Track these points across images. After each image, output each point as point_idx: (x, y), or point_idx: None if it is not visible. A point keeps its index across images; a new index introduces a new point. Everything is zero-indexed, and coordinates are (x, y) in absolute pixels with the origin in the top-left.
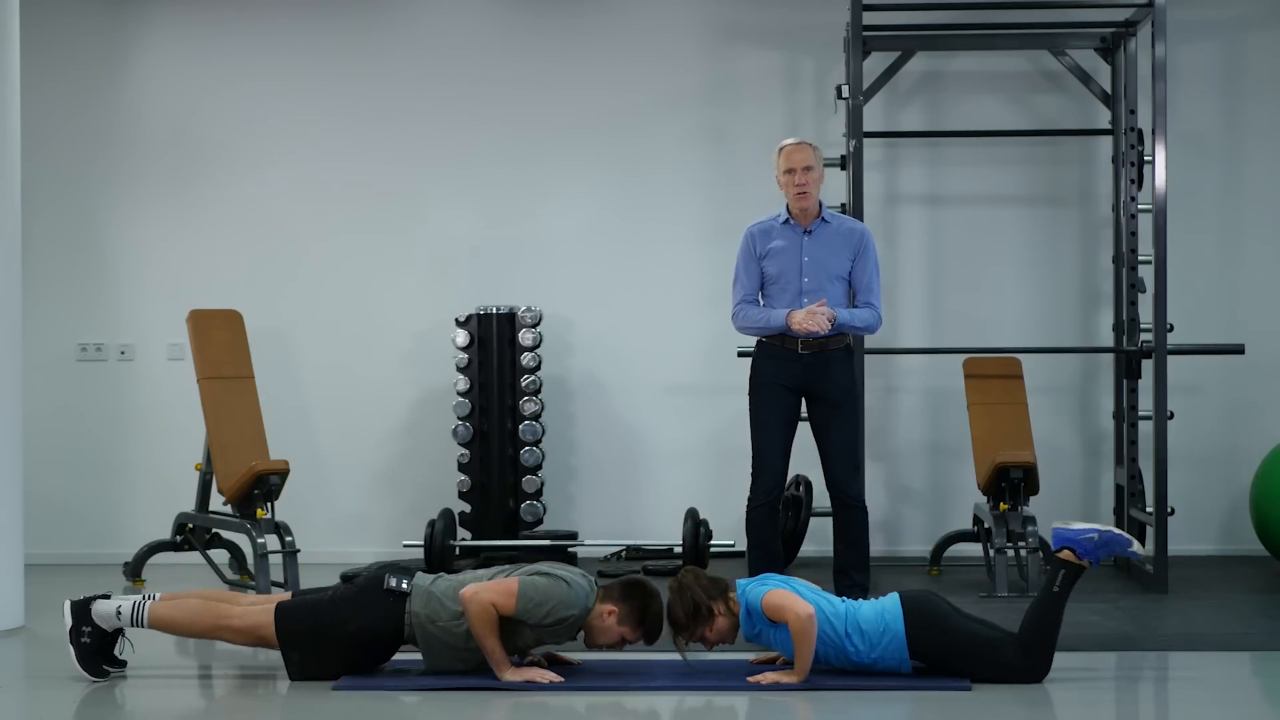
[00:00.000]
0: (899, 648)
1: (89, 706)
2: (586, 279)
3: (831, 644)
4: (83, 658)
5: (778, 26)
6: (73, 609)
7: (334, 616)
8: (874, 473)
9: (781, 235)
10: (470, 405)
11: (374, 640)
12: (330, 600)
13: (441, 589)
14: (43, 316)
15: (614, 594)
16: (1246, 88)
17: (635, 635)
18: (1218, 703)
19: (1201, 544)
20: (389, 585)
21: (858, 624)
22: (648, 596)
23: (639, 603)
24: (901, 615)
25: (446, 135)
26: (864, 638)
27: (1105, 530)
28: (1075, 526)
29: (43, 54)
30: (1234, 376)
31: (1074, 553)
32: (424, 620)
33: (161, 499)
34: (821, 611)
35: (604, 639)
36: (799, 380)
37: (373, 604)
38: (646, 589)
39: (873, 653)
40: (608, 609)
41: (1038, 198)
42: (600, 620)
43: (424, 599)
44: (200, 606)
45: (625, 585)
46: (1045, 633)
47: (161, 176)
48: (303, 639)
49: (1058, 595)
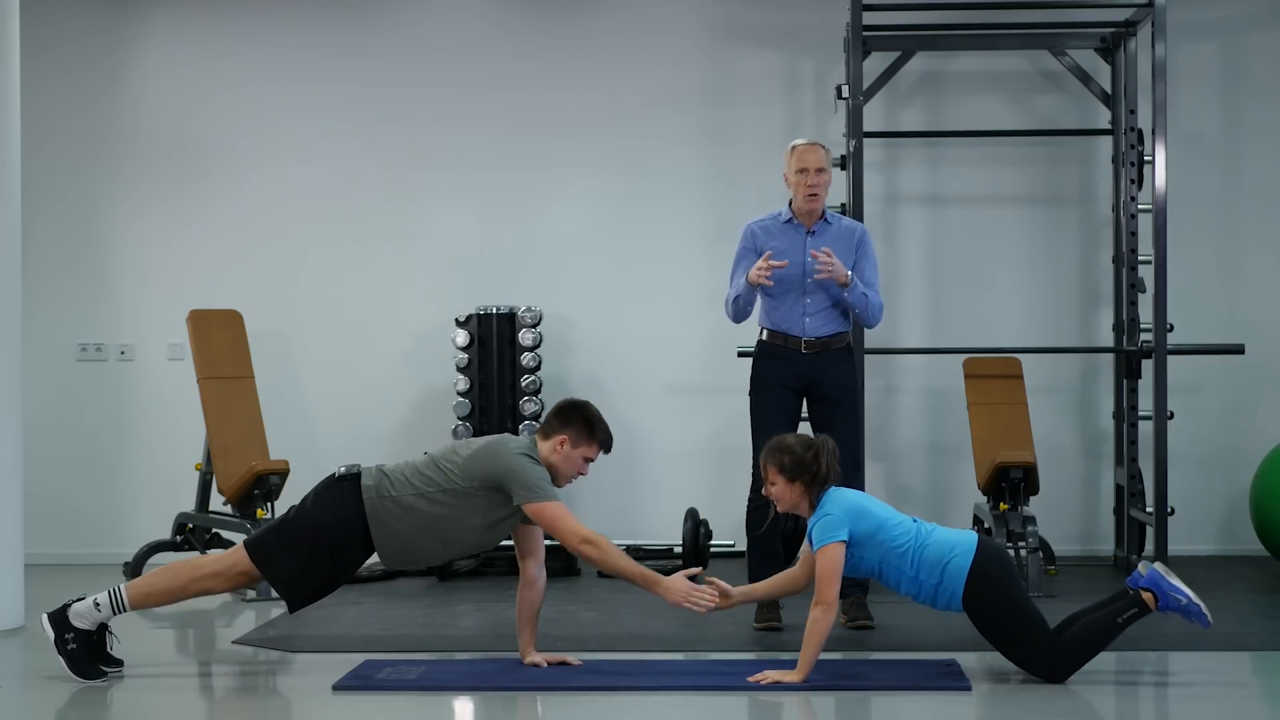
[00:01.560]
0: (954, 587)
1: (88, 706)
2: (586, 279)
3: (889, 566)
4: (74, 664)
5: (778, 26)
6: (51, 621)
7: (299, 525)
8: (874, 473)
9: (784, 235)
10: (470, 405)
11: (344, 531)
12: (292, 514)
13: (391, 469)
14: (43, 316)
15: (554, 425)
16: (1246, 88)
17: (593, 448)
18: (1218, 703)
19: (1201, 544)
20: (337, 474)
21: (924, 549)
22: (581, 406)
23: (579, 415)
24: (973, 554)
25: (447, 136)
26: (925, 563)
27: (1196, 602)
28: (1173, 581)
29: (43, 54)
30: (1234, 376)
31: (1155, 597)
32: (374, 496)
33: (161, 499)
34: (890, 539)
35: (568, 468)
36: (800, 379)
37: (330, 498)
38: (575, 401)
39: (930, 579)
40: (558, 441)
41: (1038, 198)
42: (558, 455)
43: (374, 476)
44: (173, 568)
45: (558, 411)
46: (1086, 651)
47: (162, 177)
48: (280, 557)
49: (1119, 626)
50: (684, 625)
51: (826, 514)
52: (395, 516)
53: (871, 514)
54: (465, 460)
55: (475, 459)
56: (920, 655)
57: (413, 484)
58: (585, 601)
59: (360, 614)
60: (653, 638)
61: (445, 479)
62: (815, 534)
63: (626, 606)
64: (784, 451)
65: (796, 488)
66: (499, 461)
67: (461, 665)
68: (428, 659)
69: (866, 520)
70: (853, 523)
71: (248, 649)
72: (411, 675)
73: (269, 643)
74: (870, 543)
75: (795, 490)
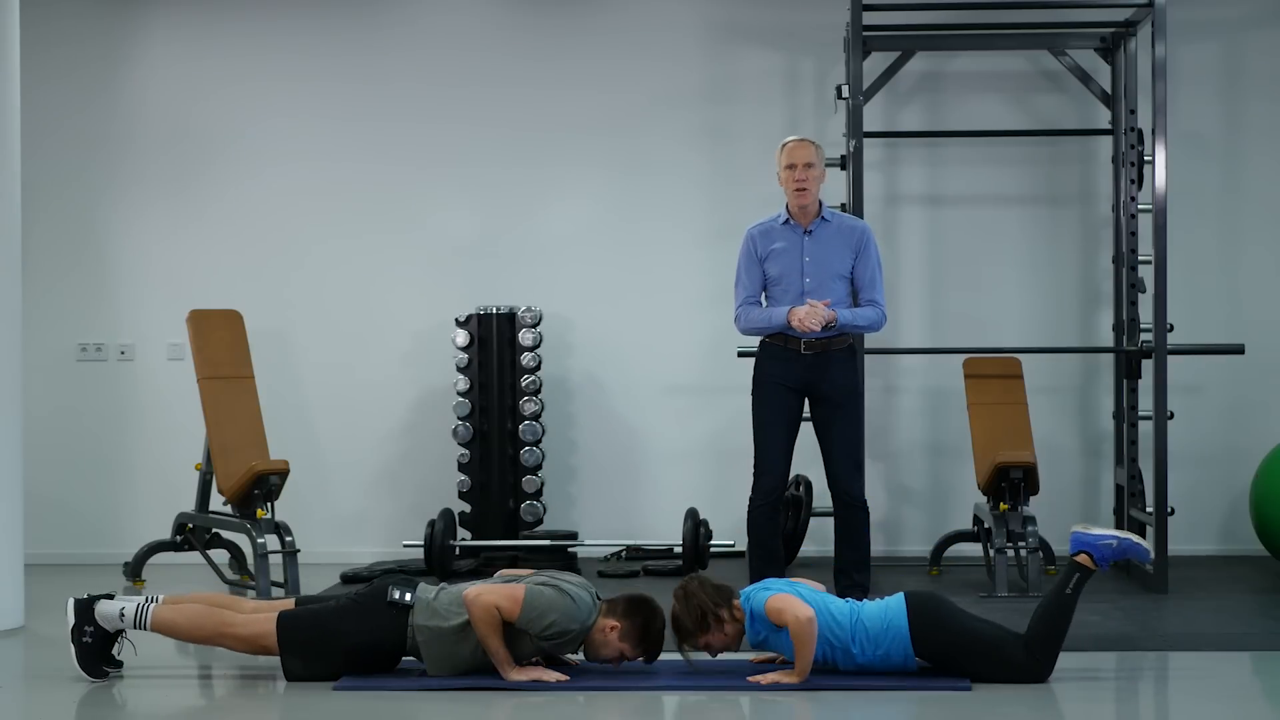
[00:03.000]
0: (903, 646)
1: (89, 706)
2: (586, 279)
3: (837, 646)
4: (83, 658)
5: (778, 26)
6: (76, 607)
7: (336, 627)
8: (874, 473)
9: (782, 236)
10: (470, 405)
11: (375, 651)
12: (333, 611)
13: (444, 602)
14: (43, 316)
15: (617, 610)
16: (1246, 88)
17: (635, 653)
18: (1218, 703)
19: (1201, 544)
20: (392, 598)
21: (862, 624)
22: (651, 615)
23: (642, 621)
24: (906, 614)
25: (446, 135)
26: (869, 637)
27: (1125, 538)
28: (1094, 531)
29: (43, 53)
30: (1234, 376)
31: (1091, 557)
32: (427, 632)
33: (161, 499)
34: (827, 612)
35: (604, 653)
36: (802, 380)
37: (375, 616)
38: (650, 606)
39: (877, 651)
40: (610, 624)
41: (1038, 198)
42: (602, 635)
43: (427, 613)
44: (203, 613)
45: (629, 602)
46: (1053, 634)
47: (161, 176)
48: (304, 648)
49: (1069, 597)
50: None
51: (765, 586)
52: (443, 654)
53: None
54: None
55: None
56: None
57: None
58: None
59: None
60: None
61: None
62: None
63: None
64: (685, 618)
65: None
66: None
67: None
68: None
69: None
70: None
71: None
72: (411, 675)
73: None
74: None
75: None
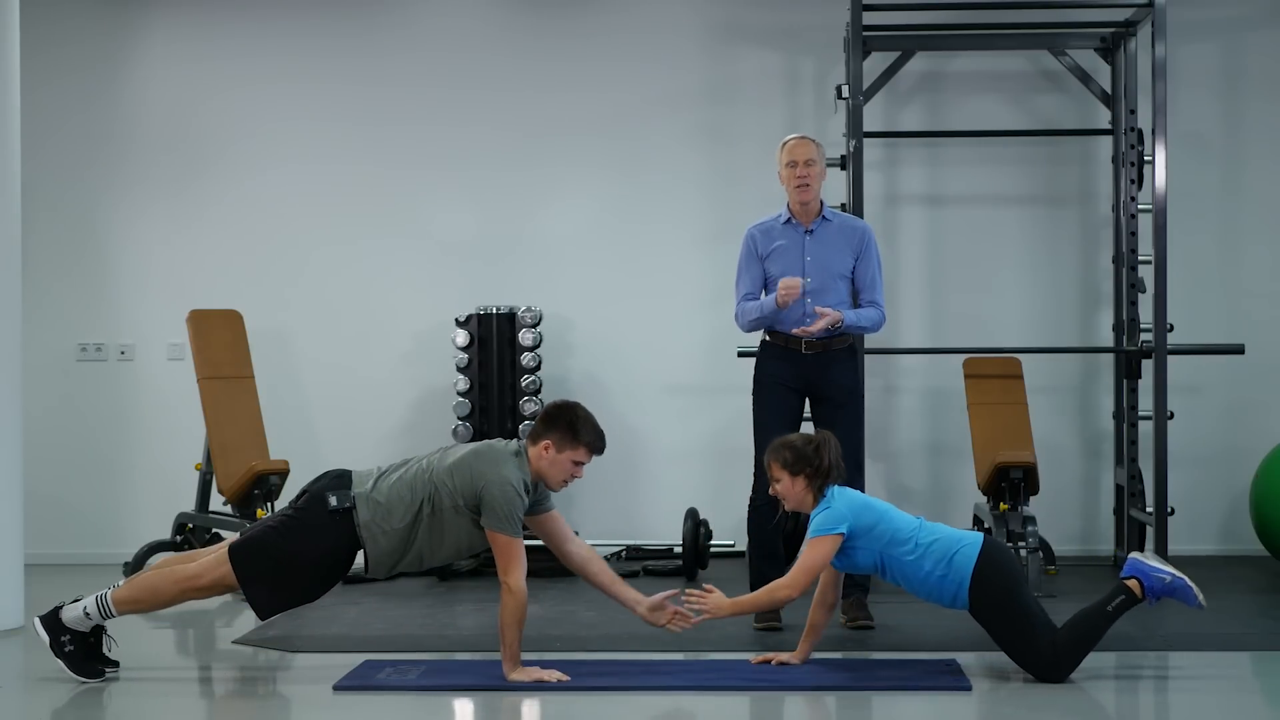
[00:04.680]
0: (960, 581)
1: (88, 707)
2: (586, 279)
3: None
4: (73, 665)
5: (778, 26)
6: (44, 624)
7: (290, 549)
8: (874, 473)
9: (783, 235)
10: (470, 405)
11: (333, 560)
12: (279, 532)
13: (384, 492)
14: (43, 316)
15: (539, 429)
16: (1246, 88)
17: (582, 453)
18: (1218, 703)
19: (1201, 544)
20: (331, 506)
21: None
22: (568, 409)
23: (564, 419)
24: (979, 548)
25: (447, 136)
26: (931, 557)
27: (1180, 577)
28: (1152, 563)
29: (43, 54)
30: (1234, 376)
31: (1140, 584)
32: (374, 533)
33: (161, 499)
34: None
35: (557, 474)
36: (803, 380)
37: (322, 529)
38: (562, 404)
39: (936, 572)
40: (542, 445)
41: (1038, 198)
42: (543, 461)
43: (369, 507)
44: (158, 577)
45: (544, 415)
46: (1082, 643)
47: (162, 177)
48: (265, 578)
49: (1109, 615)
50: None
51: (829, 506)
52: (388, 542)
53: (874, 508)
54: (448, 470)
55: (458, 471)
56: (920, 655)
57: (405, 504)
58: (586, 601)
59: (360, 614)
60: (653, 638)
61: (434, 494)
62: (815, 524)
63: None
64: (786, 447)
65: (799, 482)
66: (479, 482)
67: (461, 665)
68: (428, 659)
69: (869, 513)
70: (855, 517)
71: (248, 649)
72: (411, 675)
73: (269, 643)
74: (872, 534)
75: (799, 485)
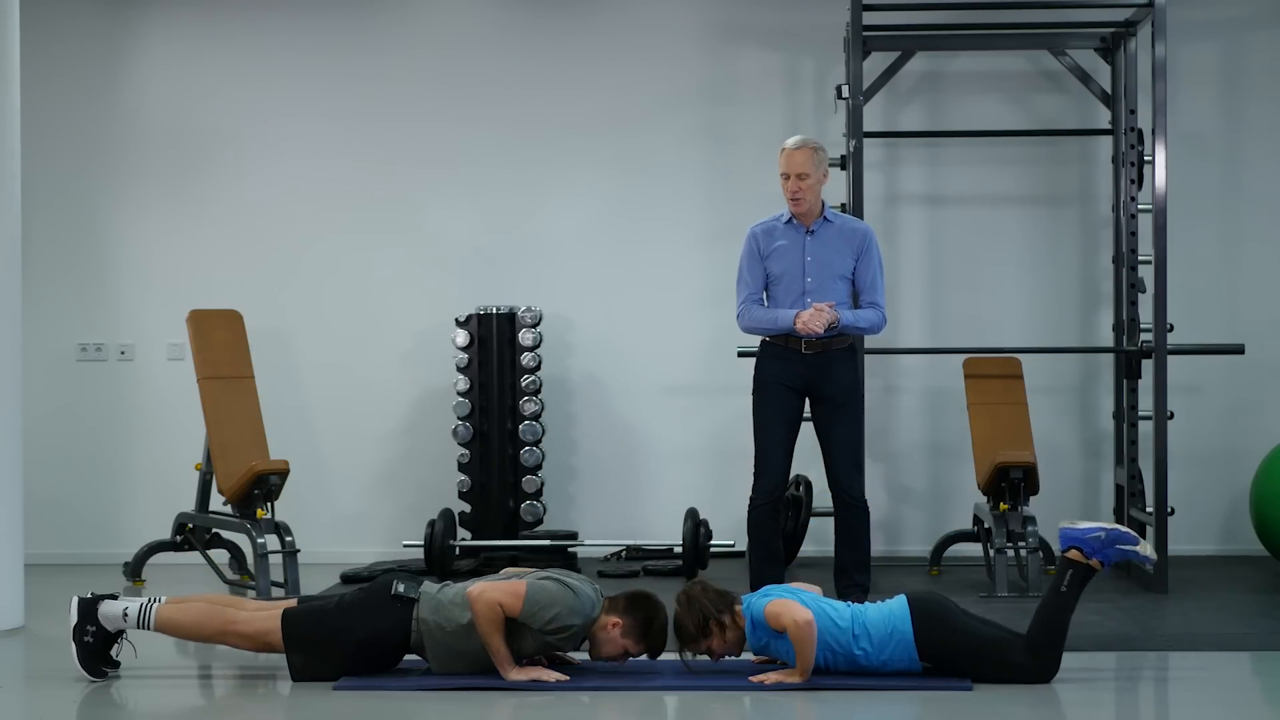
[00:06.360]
0: (907, 648)
1: (89, 706)
2: (586, 279)
3: (839, 650)
4: (84, 657)
5: (778, 26)
6: (80, 607)
7: (340, 623)
8: (874, 473)
9: (784, 235)
10: (470, 405)
11: (380, 647)
12: (337, 606)
13: (449, 596)
14: (43, 316)
15: (619, 606)
16: (1246, 88)
17: (638, 649)
18: (1218, 703)
19: (1201, 544)
20: (396, 591)
21: (865, 627)
22: (653, 611)
23: (644, 616)
24: (909, 616)
25: (447, 135)
26: (871, 640)
27: (1112, 528)
28: (1081, 525)
29: (43, 53)
30: (1234, 376)
31: (1081, 552)
32: (432, 627)
33: (161, 499)
34: (827, 617)
35: (607, 650)
36: (803, 380)
37: (380, 610)
38: (652, 603)
39: (881, 655)
40: (612, 621)
41: (1038, 198)
42: (604, 632)
43: (432, 606)
44: (207, 611)
45: (631, 598)
46: (1053, 633)
47: (161, 176)
48: (308, 644)
49: (1065, 595)
50: None
51: (765, 593)
52: (448, 648)
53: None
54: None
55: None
56: None
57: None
58: None
59: None
60: None
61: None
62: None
63: None
64: (687, 622)
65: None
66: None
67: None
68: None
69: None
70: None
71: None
72: (411, 675)
73: None
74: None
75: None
